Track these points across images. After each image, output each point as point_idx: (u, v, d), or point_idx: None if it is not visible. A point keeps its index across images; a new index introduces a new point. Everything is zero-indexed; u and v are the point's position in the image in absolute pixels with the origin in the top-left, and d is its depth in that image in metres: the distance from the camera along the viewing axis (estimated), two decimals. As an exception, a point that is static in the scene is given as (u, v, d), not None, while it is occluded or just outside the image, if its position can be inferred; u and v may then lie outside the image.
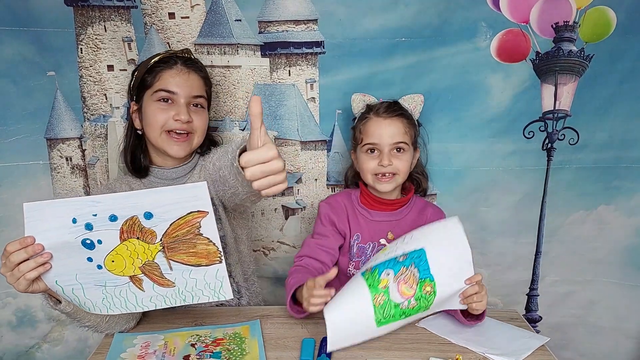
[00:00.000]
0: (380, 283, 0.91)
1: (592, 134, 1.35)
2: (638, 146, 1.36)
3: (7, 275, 0.82)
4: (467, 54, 1.27)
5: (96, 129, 1.32)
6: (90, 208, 0.78)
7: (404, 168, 1.16)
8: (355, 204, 1.23)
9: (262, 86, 1.31)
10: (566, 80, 1.31)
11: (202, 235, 0.82)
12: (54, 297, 0.89)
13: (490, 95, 1.31)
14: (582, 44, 1.27)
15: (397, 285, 0.91)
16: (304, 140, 1.36)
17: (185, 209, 0.79)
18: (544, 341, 0.98)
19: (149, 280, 0.87)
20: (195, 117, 1.10)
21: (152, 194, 0.80)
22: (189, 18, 1.25)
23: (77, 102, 1.29)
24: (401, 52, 1.27)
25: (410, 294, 0.92)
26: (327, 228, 1.19)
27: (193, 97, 1.10)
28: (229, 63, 1.28)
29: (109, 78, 1.27)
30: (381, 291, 0.91)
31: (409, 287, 0.92)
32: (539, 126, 1.35)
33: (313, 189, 1.42)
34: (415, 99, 1.22)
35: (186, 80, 1.09)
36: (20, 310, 1.37)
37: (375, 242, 1.20)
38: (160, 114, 1.08)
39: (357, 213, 1.22)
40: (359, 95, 1.23)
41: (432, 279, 0.92)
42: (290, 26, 1.26)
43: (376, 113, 1.17)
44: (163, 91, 1.08)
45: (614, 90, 1.31)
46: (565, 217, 1.44)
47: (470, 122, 1.33)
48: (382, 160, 1.13)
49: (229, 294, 0.89)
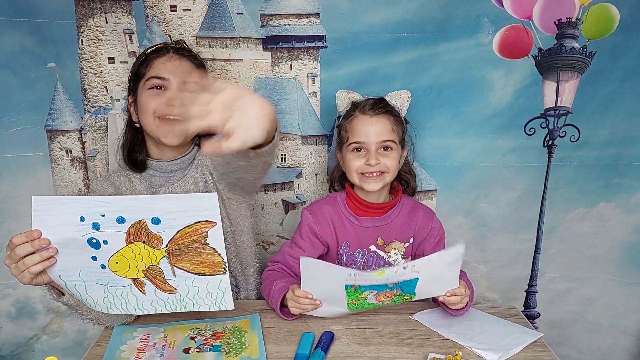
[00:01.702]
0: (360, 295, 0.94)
1: (594, 131, 1.35)
2: (639, 144, 1.36)
3: (11, 267, 0.82)
4: (469, 49, 1.27)
5: (96, 121, 1.31)
6: (99, 208, 0.79)
7: (392, 166, 1.12)
8: (341, 209, 1.17)
9: (263, 80, 1.30)
10: (568, 77, 1.31)
11: (208, 245, 0.82)
12: (57, 289, 0.89)
13: (491, 91, 1.31)
14: (584, 40, 1.27)
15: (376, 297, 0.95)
16: (305, 135, 1.36)
17: (194, 218, 0.80)
18: (536, 337, 0.98)
19: (151, 285, 0.87)
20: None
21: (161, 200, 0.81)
22: (190, 10, 1.24)
23: (77, 94, 1.29)
24: (403, 47, 1.27)
25: (387, 300, 0.97)
26: (305, 241, 1.14)
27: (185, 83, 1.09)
28: (230, 56, 1.28)
29: (109, 70, 1.27)
30: (358, 297, 0.94)
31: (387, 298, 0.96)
32: (540, 123, 1.34)
33: (313, 183, 1.41)
34: (402, 95, 1.18)
35: (177, 67, 1.08)
36: (20, 302, 1.37)
37: (365, 249, 1.16)
38: (152, 100, 1.06)
39: (344, 220, 1.16)
40: (343, 93, 1.19)
41: (413, 293, 0.96)
42: (292, 20, 1.25)
43: (362, 110, 1.13)
44: (154, 78, 1.07)
45: (616, 87, 1.31)
46: (565, 214, 1.44)
47: (471, 118, 1.33)
48: (370, 159, 1.09)
49: (230, 305, 0.89)
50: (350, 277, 0.89)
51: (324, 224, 1.15)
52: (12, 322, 1.38)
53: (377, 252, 1.16)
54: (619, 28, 1.24)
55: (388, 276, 0.89)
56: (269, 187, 1.39)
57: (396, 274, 0.89)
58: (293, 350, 0.92)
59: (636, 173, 1.38)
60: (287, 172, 1.39)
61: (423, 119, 1.30)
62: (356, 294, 0.93)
